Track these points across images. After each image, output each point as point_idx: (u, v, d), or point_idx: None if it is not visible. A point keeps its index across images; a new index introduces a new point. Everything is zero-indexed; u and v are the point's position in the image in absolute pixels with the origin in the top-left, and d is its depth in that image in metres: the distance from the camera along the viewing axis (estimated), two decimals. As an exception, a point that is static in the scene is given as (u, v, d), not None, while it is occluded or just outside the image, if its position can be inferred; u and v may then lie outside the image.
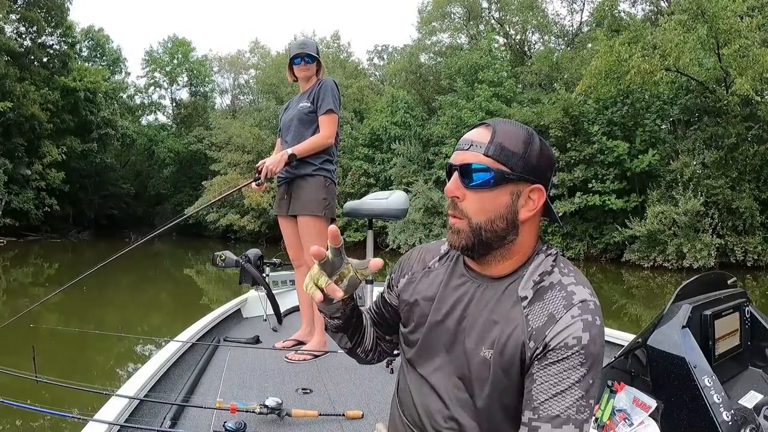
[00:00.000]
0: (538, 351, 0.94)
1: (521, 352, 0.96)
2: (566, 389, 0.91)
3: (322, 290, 1.00)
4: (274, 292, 3.89)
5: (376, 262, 1.03)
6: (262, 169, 2.90)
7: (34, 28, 28.55)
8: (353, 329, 1.19)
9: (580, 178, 16.05)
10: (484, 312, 1.03)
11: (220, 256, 3.66)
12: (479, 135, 1.02)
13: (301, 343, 3.13)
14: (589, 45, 19.63)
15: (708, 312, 1.68)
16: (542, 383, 0.93)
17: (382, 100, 24.14)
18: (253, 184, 2.93)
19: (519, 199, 1.00)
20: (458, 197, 1.02)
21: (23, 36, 28.66)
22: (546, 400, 0.92)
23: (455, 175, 1.02)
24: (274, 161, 2.89)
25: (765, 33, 13.32)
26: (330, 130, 2.97)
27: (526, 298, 0.99)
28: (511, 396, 0.98)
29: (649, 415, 1.60)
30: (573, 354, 0.92)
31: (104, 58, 39.64)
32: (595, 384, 0.94)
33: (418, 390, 1.11)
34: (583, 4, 24.03)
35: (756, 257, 13.75)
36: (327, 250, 1.00)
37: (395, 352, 1.30)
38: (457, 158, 1.03)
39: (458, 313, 1.06)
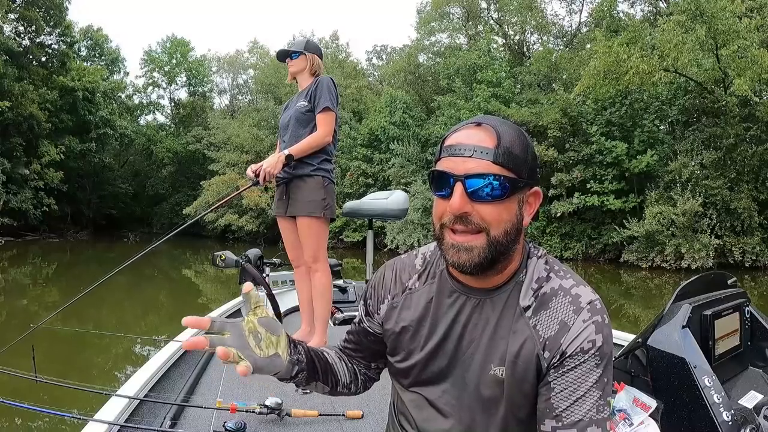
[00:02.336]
0: (554, 360, 0.93)
1: (536, 364, 0.94)
2: (585, 393, 0.91)
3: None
4: (274, 292, 3.89)
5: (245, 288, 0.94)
6: (259, 172, 2.89)
7: (33, 28, 28.51)
8: (323, 371, 1.10)
9: (579, 178, 16.08)
10: (487, 328, 0.98)
11: (220, 256, 3.65)
12: (481, 138, 0.91)
13: (300, 343, 3.12)
14: (588, 45, 19.62)
15: (708, 312, 1.68)
16: (561, 390, 0.92)
17: (381, 100, 24.13)
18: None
19: (523, 204, 0.96)
20: (468, 212, 0.90)
21: (22, 35, 28.63)
22: (568, 407, 0.91)
23: (460, 187, 0.90)
24: (271, 163, 2.87)
25: (763, 34, 13.34)
26: (327, 128, 2.94)
27: (529, 307, 0.96)
28: (524, 409, 0.97)
29: (649, 415, 1.59)
30: (589, 357, 0.91)
31: (103, 57, 39.53)
32: (610, 381, 0.94)
33: (419, 413, 1.06)
34: (582, 4, 24.05)
35: (754, 258, 13.77)
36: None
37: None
38: (458, 167, 0.90)
39: (457, 334, 1.00)
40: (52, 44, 31.11)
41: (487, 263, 0.93)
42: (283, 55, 3.13)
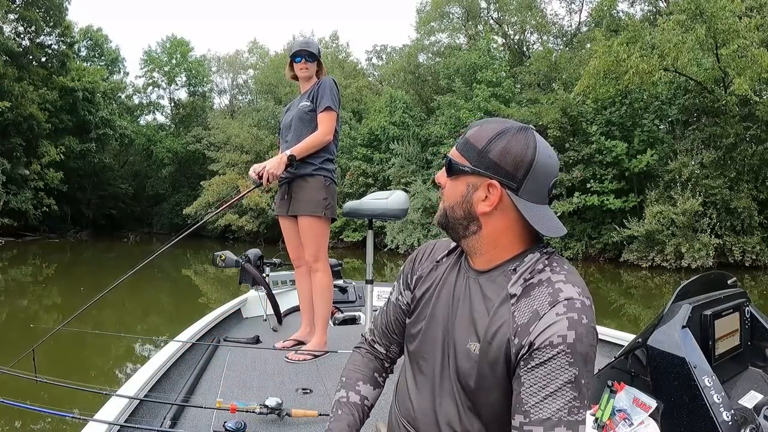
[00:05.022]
0: (523, 350, 0.93)
1: (506, 349, 0.95)
2: (556, 391, 0.89)
3: None
4: (274, 292, 3.89)
5: None
6: (262, 173, 2.89)
7: (33, 28, 28.50)
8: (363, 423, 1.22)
9: (579, 178, 16.06)
10: (473, 304, 1.04)
11: (221, 256, 3.66)
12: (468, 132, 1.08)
13: (301, 343, 3.13)
14: (588, 45, 19.62)
15: (708, 312, 1.68)
16: (531, 386, 0.91)
17: (381, 100, 24.13)
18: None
19: (476, 191, 1.02)
20: (440, 183, 1.11)
21: (22, 36, 28.61)
22: (536, 403, 0.90)
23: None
24: (273, 164, 2.87)
25: (763, 33, 13.33)
26: (328, 127, 2.96)
27: (515, 295, 0.98)
28: (494, 393, 0.98)
29: (649, 415, 1.59)
30: (559, 354, 0.89)
31: (103, 58, 39.57)
32: (588, 385, 0.91)
33: (413, 385, 1.13)
34: (582, 4, 24.06)
35: (754, 257, 13.77)
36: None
37: None
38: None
39: (450, 305, 1.08)
40: (51, 44, 31.11)
41: (446, 227, 1.10)
42: (301, 52, 3.08)
